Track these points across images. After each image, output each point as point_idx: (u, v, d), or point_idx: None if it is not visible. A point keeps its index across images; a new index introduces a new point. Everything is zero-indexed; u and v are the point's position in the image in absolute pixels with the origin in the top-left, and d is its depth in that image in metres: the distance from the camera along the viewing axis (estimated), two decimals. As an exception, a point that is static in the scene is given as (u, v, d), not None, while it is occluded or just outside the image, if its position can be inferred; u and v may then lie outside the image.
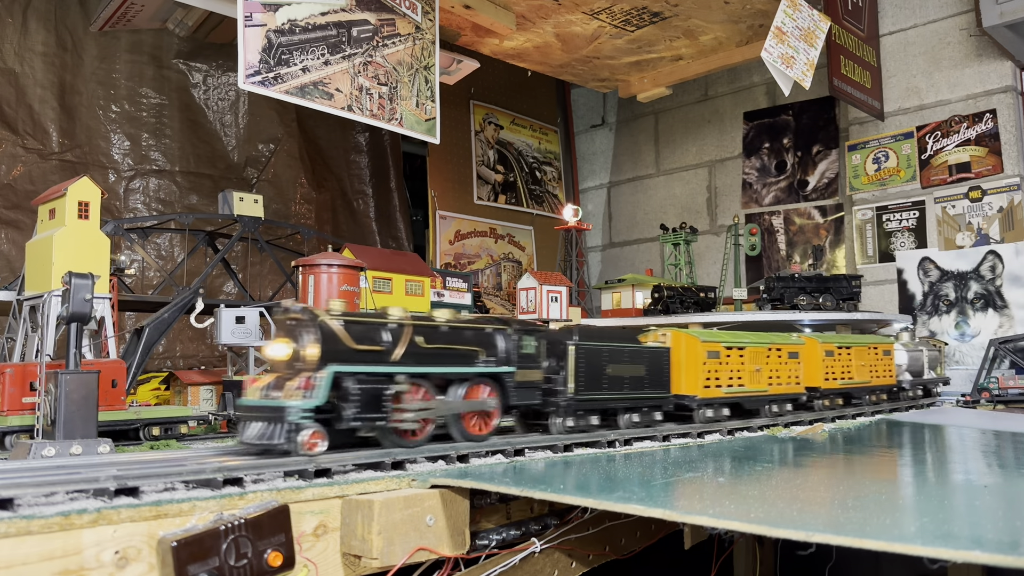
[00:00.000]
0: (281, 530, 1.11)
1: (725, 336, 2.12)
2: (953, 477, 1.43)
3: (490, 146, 4.72)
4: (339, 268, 1.77)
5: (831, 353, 2.41)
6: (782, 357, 2.26)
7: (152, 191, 3.40)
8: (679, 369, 1.97)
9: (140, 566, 1.01)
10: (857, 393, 2.54)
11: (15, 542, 0.92)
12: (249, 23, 2.12)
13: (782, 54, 2.86)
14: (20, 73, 3.12)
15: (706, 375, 1.99)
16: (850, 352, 2.48)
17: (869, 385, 2.58)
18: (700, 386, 1.97)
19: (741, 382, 2.09)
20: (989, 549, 0.83)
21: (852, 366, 2.47)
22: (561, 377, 1.66)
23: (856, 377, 2.50)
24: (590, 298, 3.73)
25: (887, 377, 2.68)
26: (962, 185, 3.63)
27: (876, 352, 2.63)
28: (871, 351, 2.61)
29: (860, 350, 2.55)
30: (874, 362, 2.59)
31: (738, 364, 2.09)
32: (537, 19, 3.38)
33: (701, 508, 1.07)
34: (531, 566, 1.39)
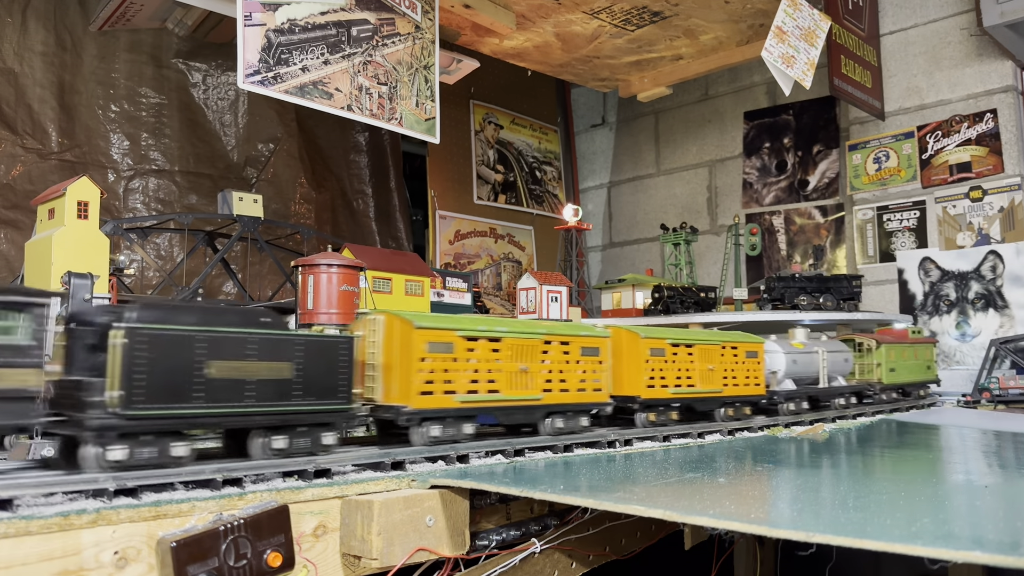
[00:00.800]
0: (281, 530, 1.11)
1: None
2: (954, 477, 1.43)
3: (490, 146, 4.71)
4: (339, 268, 1.76)
5: (659, 352, 1.90)
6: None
7: (151, 191, 3.40)
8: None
9: (139, 566, 1.01)
10: (701, 405, 2.04)
11: (14, 542, 0.92)
12: (248, 22, 2.12)
13: (783, 53, 2.86)
14: (19, 73, 3.12)
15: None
16: (691, 351, 1.99)
17: (720, 395, 2.06)
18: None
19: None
20: (990, 549, 0.83)
21: (695, 370, 1.99)
22: (99, 383, 1.07)
23: (700, 384, 1.99)
24: (590, 298, 3.73)
25: (752, 385, 2.16)
26: (963, 185, 3.62)
27: (733, 353, 2.12)
28: (726, 351, 2.10)
29: (707, 349, 2.04)
30: (731, 366, 2.10)
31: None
32: (537, 18, 3.38)
33: (701, 508, 1.07)
34: (531, 566, 1.39)
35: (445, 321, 1.52)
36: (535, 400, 1.65)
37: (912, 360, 2.95)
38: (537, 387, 1.65)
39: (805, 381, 2.44)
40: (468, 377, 1.52)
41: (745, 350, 2.18)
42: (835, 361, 2.56)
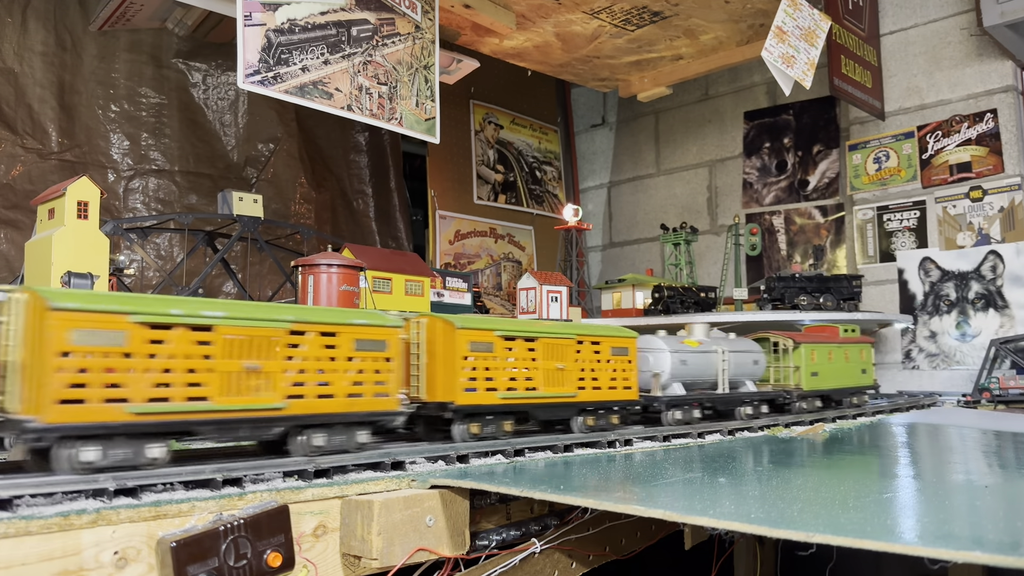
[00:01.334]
0: (281, 530, 1.11)
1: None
2: (954, 477, 1.43)
3: (490, 146, 4.71)
4: (339, 268, 1.76)
5: (484, 346, 1.57)
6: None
7: (151, 191, 3.40)
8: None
9: (139, 567, 1.01)
10: (546, 412, 1.70)
11: (14, 543, 0.91)
12: (248, 22, 2.12)
13: (783, 53, 2.86)
14: (19, 73, 3.12)
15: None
16: (533, 346, 1.66)
17: (575, 400, 1.73)
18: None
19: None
20: (990, 549, 0.83)
21: (538, 369, 1.65)
22: None
23: (545, 387, 1.67)
24: (590, 298, 3.73)
25: (620, 389, 1.84)
26: (963, 185, 3.62)
27: (594, 349, 1.79)
28: (584, 347, 1.76)
29: (555, 344, 1.71)
30: (591, 365, 1.77)
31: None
32: (537, 18, 3.38)
33: (701, 508, 1.07)
34: (531, 566, 1.39)
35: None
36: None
37: (841, 363, 2.60)
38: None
39: (700, 385, 2.14)
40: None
41: (610, 346, 1.82)
42: (740, 363, 2.24)
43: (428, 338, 1.58)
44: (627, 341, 1.89)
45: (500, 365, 1.59)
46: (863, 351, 2.75)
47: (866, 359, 2.77)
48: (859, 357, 2.72)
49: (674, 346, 2.05)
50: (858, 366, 2.71)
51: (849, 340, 2.69)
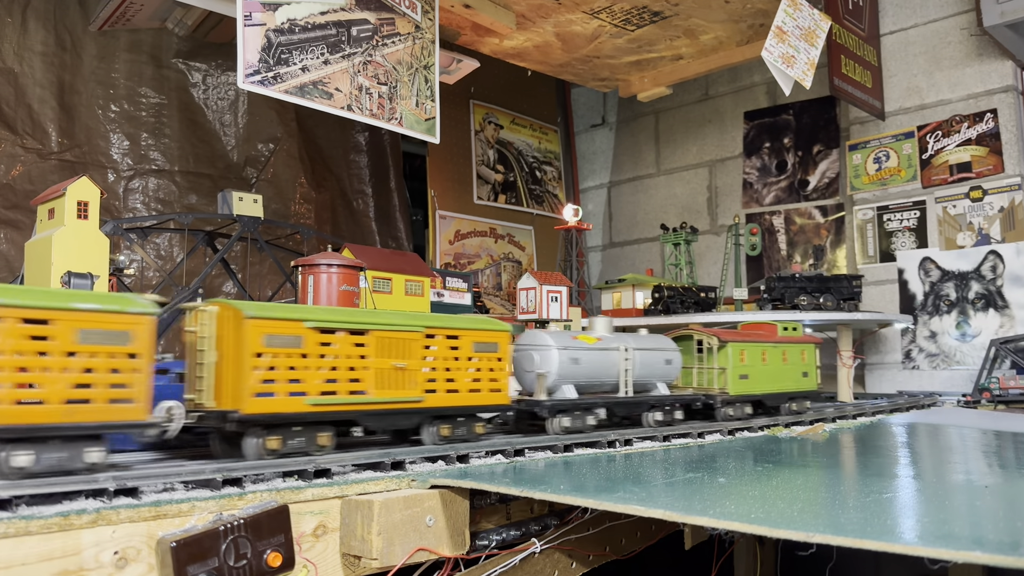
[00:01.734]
0: (281, 530, 1.11)
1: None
2: (954, 477, 1.43)
3: (490, 146, 4.71)
4: (339, 268, 1.76)
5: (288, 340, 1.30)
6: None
7: (151, 191, 3.40)
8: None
9: (139, 567, 1.01)
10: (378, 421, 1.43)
11: (14, 543, 0.91)
12: (248, 22, 2.12)
13: (783, 53, 2.86)
14: (19, 73, 3.12)
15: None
16: (362, 340, 1.40)
17: (421, 406, 1.47)
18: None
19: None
20: (990, 549, 0.83)
21: (369, 368, 1.39)
22: None
23: (377, 390, 1.40)
24: (590, 298, 3.73)
25: (487, 392, 1.59)
26: (963, 185, 3.62)
27: (450, 345, 1.54)
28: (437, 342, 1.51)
29: (393, 338, 1.44)
30: (447, 363, 1.52)
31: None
32: (537, 18, 3.38)
33: (701, 508, 1.07)
34: (531, 566, 1.39)
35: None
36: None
37: (778, 365, 2.34)
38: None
39: (599, 388, 1.91)
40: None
41: (473, 340, 1.56)
42: (649, 362, 1.99)
43: (218, 332, 1.29)
44: (496, 336, 1.62)
45: (312, 364, 1.31)
46: (805, 352, 2.47)
47: (808, 361, 2.48)
48: (800, 359, 2.44)
49: (564, 342, 1.79)
50: (798, 368, 2.43)
51: (789, 340, 2.41)
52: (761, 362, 2.28)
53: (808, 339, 2.50)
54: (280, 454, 1.27)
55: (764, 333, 2.38)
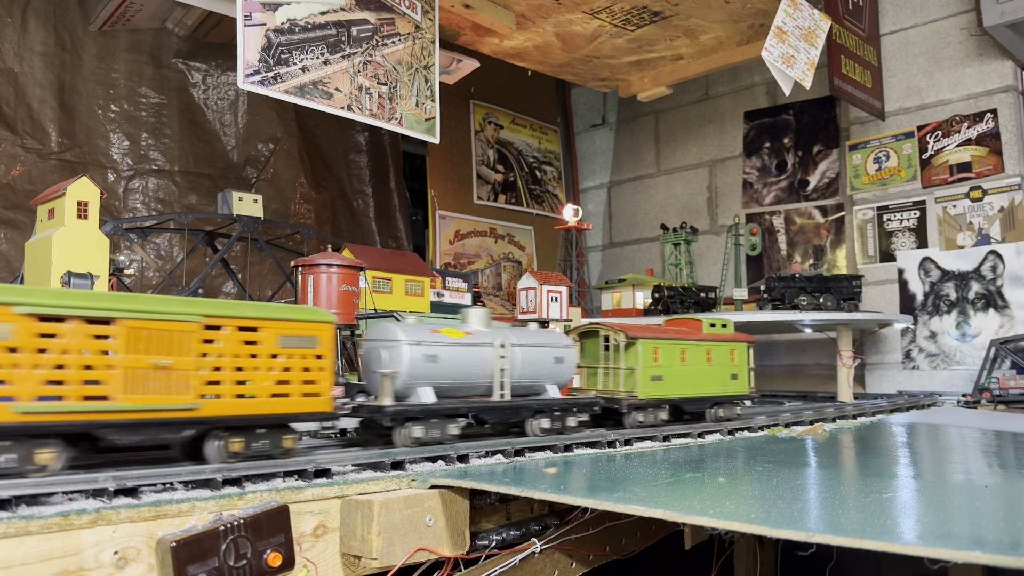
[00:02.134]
0: (280, 530, 1.11)
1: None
2: (954, 477, 1.43)
3: (490, 146, 4.71)
4: (338, 268, 1.76)
5: None
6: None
7: (151, 191, 3.40)
8: None
9: (139, 566, 1.01)
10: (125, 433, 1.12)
11: (14, 542, 0.91)
12: (248, 22, 2.12)
13: (783, 53, 2.86)
14: (19, 72, 3.12)
15: None
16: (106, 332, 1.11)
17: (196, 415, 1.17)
18: None
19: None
20: (990, 549, 0.83)
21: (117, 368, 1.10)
22: None
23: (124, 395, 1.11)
24: (590, 298, 3.73)
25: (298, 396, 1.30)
26: (963, 185, 3.62)
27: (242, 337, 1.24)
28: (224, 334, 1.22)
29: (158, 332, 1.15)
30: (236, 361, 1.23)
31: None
32: (537, 18, 3.38)
33: (701, 508, 1.07)
34: (531, 566, 1.39)
35: None
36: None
37: (700, 366, 2.10)
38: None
39: (468, 391, 1.63)
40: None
41: (278, 333, 1.27)
42: (534, 361, 1.72)
43: None
44: (314, 328, 1.31)
45: (27, 361, 1.03)
46: (735, 352, 2.22)
47: (739, 362, 2.23)
48: (728, 359, 2.20)
49: (418, 336, 1.51)
50: (726, 370, 2.19)
51: (715, 338, 2.17)
52: (679, 362, 2.03)
53: (739, 337, 2.26)
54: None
55: (686, 330, 2.15)
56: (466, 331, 1.64)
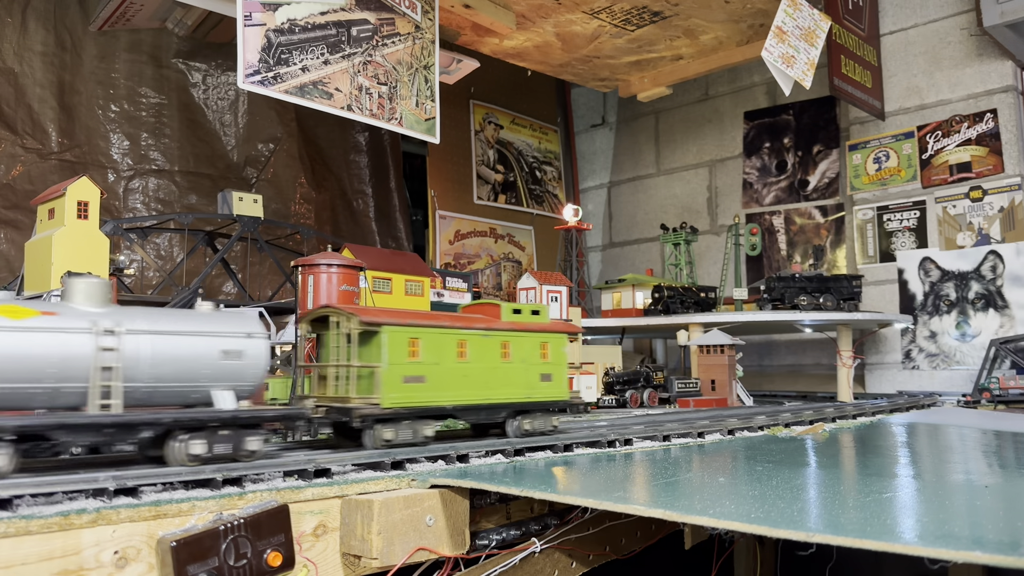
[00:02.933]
0: (281, 530, 1.11)
1: None
2: (954, 477, 1.43)
3: (490, 146, 4.71)
4: (338, 268, 1.76)
5: None
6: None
7: (151, 191, 3.40)
8: None
9: (139, 566, 1.01)
10: None
11: (14, 542, 0.91)
12: (248, 22, 2.12)
13: (783, 53, 2.86)
14: (19, 73, 3.12)
15: None
16: None
17: None
18: None
19: None
20: (990, 549, 0.83)
21: None
22: None
23: None
24: (590, 298, 3.73)
25: None
26: (963, 185, 3.62)
27: None
28: None
29: None
30: None
31: None
32: (537, 18, 3.38)
33: (701, 508, 1.07)
34: (531, 566, 1.39)
35: None
36: None
37: (492, 363, 1.63)
38: None
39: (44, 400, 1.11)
40: None
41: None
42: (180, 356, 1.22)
43: None
44: None
45: None
46: (549, 346, 1.74)
47: (554, 359, 1.75)
48: (537, 355, 1.71)
49: None
50: (533, 369, 1.70)
51: (517, 327, 1.69)
52: (454, 358, 1.56)
53: (557, 327, 1.77)
54: None
55: (477, 317, 1.69)
56: (40, 310, 1.11)
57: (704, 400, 2.95)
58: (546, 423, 1.72)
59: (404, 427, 1.45)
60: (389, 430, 1.43)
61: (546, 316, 1.80)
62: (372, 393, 1.43)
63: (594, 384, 2.65)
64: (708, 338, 3.06)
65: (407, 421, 1.47)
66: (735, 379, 3.03)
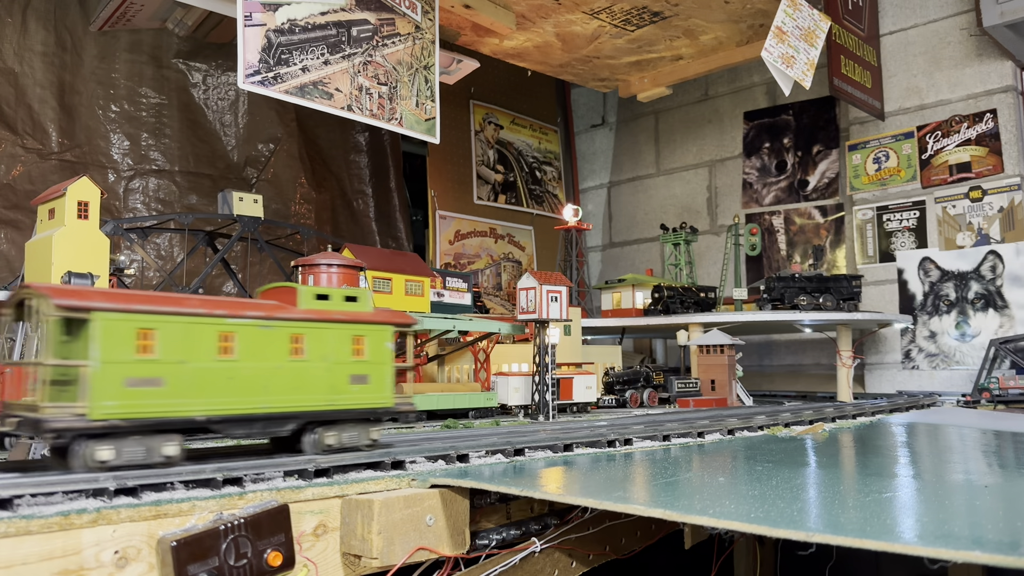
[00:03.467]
0: (281, 530, 1.11)
1: None
2: (953, 477, 1.43)
3: (490, 146, 4.71)
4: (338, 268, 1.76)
5: None
6: None
7: (152, 191, 3.40)
8: None
9: (140, 566, 1.01)
10: None
11: (15, 542, 0.92)
12: (249, 23, 2.12)
13: (782, 54, 2.86)
14: (20, 73, 3.12)
15: None
16: None
17: None
18: None
19: None
20: (989, 549, 0.83)
21: None
22: None
23: None
24: (590, 298, 3.73)
25: None
26: (962, 185, 3.62)
27: None
28: None
29: None
30: None
31: None
32: (537, 19, 3.38)
33: (701, 508, 1.07)
34: (531, 566, 1.39)
35: None
36: None
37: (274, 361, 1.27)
38: None
39: None
40: None
41: None
42: None
43: None
44: None
45: None
46: (364, 340, 1.39)
47: (373, 357, 1.39)
48: (347, 351, 1.36)
49: None
50: (340, 369, 1.35)
51: (318, 316, 1.34)
52: (214, 354, 1.21)
53: (380, 317, 1.43)
54: None
55: (258, 303, 1.31)
56: None
57: (704, 400, 2.96)
58: (360, 436, 1.37)
59: (130, 444, 1.11)
60: (106, 449, 1.09)
61: (367, 303, 1.42)
62: (76, 400, 1.08)
63: (594, 384, 2.65)
64: (708, 338, 3.06)
65: (135, 437, 1.12)
66: (735, 379, 3.03)
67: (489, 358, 2.69)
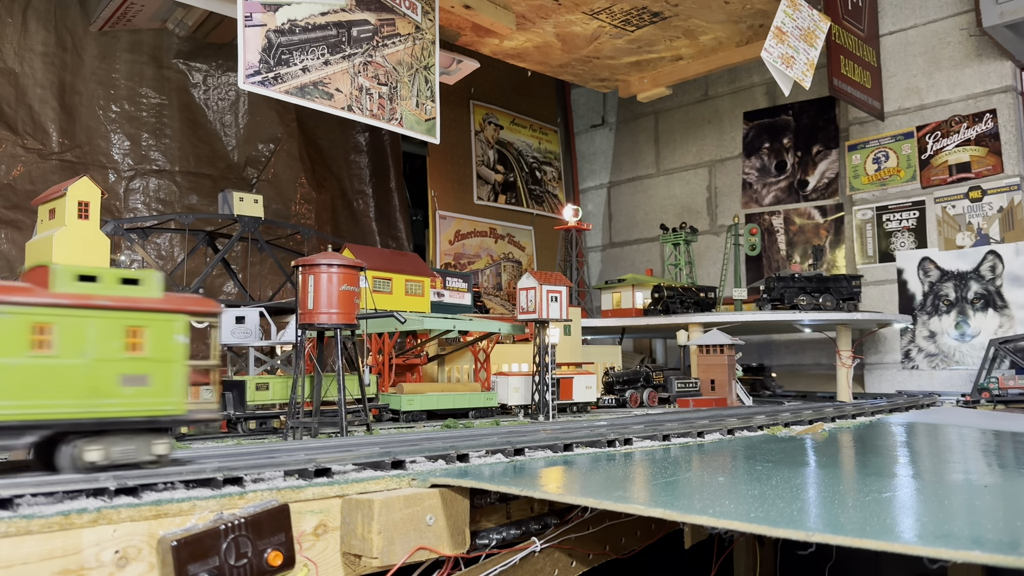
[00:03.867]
0: (281, 529, 1.11)
1: None
2: (953, 477, 1.43)
3: (490, 146, 4.72)
4: (339, 268, 1.77)
5: None
6: None
7: (152, 191, 3.40)
8: None
9: (140, 566, 1.01)
10: None
11: (15, 542, 0.92)
12: (249, 23, 2.12)
13: (782, 54, 2.86)
14: (20, 73, 3.12)
15: None
16: None
17: None
18: None
19: None
20: (989, 549, 0.83)
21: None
22: None
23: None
24: (590, 298, 3.73)
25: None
26: (962, 185, 3.63)
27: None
28: None
29: None
30: None
31: None
32: (537, 19, 3.38)
33: (701, 507, 1.07)
34: (531, 565, 1.39)
35: None
36: None
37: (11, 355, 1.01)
38: None
39: None
40: None
41: None
42: None
43: None
44: None
45: None
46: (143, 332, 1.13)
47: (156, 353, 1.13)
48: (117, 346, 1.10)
49: None
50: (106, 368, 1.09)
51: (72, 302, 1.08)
52: None
53: (163, 304, 1.15)
54: None
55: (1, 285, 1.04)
56: None
57: (704, 400, 2.96)
58: (138, 450, 1.11)
59: None
60: None
61: (154, 288, 1.15)
62: None
63: (594, 384, 2.66)
64: (708, 338, 3.06)
65: None
66: (734, 379, 3.04)
67: (489, 358, 2.70)
